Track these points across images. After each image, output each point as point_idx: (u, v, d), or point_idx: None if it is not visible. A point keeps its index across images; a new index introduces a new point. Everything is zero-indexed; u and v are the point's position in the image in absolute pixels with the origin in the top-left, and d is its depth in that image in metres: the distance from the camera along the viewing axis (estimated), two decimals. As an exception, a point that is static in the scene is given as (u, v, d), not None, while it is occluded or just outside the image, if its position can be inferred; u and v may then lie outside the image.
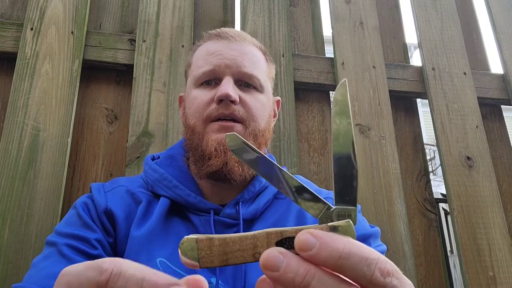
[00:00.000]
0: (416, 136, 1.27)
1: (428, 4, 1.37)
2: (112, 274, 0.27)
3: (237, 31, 0.73)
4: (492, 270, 1.06)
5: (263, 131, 0.68)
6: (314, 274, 0.27)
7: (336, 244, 0.27)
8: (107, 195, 0.66)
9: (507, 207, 1.22)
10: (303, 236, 0.27)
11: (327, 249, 0.27)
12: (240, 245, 0.29)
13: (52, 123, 0.96)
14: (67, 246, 0.57)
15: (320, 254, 0.27)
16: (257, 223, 0.65)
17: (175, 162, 0.70)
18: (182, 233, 0.62)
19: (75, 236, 0.59)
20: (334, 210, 0.32)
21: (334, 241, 0.27)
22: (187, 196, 0.64)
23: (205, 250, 0.29)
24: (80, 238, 0.59)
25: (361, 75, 1.22)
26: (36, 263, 0.57)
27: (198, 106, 0.66)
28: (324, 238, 0.27)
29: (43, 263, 0.56)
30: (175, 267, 0.58)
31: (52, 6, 1.06)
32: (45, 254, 0.58)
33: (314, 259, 0.27)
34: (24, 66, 0.99)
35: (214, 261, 0.29)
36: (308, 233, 0.27)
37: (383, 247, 0.65)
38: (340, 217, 0.31)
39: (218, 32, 0.71)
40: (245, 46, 0.70)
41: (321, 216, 0.32)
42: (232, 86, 0.65)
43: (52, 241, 0.59)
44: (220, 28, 0.74)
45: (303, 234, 0.28)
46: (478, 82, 1.30)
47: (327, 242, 0.27)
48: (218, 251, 0.29)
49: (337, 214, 0.32)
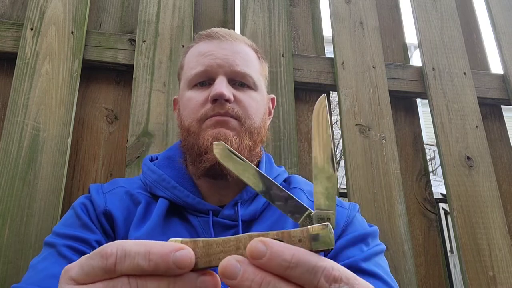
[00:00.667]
0: (416, 136, 1.27)
1: (428, 4, 1.37)
2: (118, 256, 0.27)
3: (227, 30, 0.73)
4: (492, 270, 1.06)
5: (258, 128, 0.68)
6: (269, 282, 0.27)
7: (284, 253, 0.28)
8: (106, 196, 0.66)
9: (507, 207, 1.22)
10: (254, 244, 0.28)
11: (276, 259, 0.28)
12: (223, 247, 0.30)
13: (52, 123, 0.96)
14: (66, 247, 0.57)
15: (270, 262, 0.28)
16: (256, 224, 0.65)
17: (173, 163, 0.70)
18: (181, 234, 0.62)
19: (75, 237, 0.59)
20: (314, 214, 0.33)
21: (284, 251, 0.28)
22: (186, 197, 0.64)
23: None
24: (80, 239, 0.59)
25: (361, 75, 1.22)
26: (35, 264, 0.57)
27: (193, 107, 0.66)
28: (274, 247, 0.28)
29: (42, 264, 0.56)
30: None
31: (52, 6, 1.06)
32: (44, 255, 0.58)
33: (265, 267, 0.28)
34: (24, 66, 0.99)
35: (198, 263, 0.29)
36: (260, 242, 0.28)
37: (382, 246, 0.65)
38: (320, 221, 0.33)
39: (208, 33, 0.71)
40: (237, 45, 0.70)
41: (301, 220, 0.34)
42: (225, 85, 0.65)
43: (51, 242, 0.59)
44: (216, 28, 0.74)
45: (255, 242, 0.28)
46: (478, 82, 1.30)
47: (276, 251, 0.28)
48: (201, 253, 0.29)
49: (317, 218, 0.33)
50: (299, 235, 0.30)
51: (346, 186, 1.09)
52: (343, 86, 1.19)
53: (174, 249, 0.27)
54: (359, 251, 0.61)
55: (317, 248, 0.30)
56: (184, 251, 0.28)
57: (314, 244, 0.30)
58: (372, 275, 0.57)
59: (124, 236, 0.61)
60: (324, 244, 0.30)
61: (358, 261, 0.58)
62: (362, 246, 0.62)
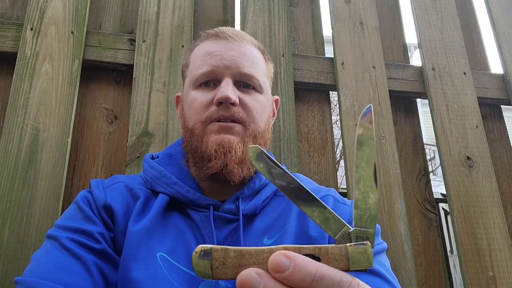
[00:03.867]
0: (416, 136, 1.27)
1: (428, 4, 1.37)
2: None
3: (235, 30, 0.72)
4: (492, 270, 1.06)
5: (262, 132, 0.68)
6: None
7: (309, 267, 0.27)
8: (106, 191, 0.66)
9: (507, 207, 1.22)
10: (277, 258, 0.27)
11: (300, 272, 0.27)
12: (257, 258, 0.29)
13: (52, 123, 0.96)
14: (69, 240, 0.57)
15: (293, 276, 0.27)
16: (257, 218, 0.65)
17: (174, 161, 0.70)
18: (181, 228, 0.62)
19: (77, 229, 0.59)
20: (353, 232, 0.32)
21: (307, 264, 0.27)
22: (187, 193, 0.64)
23: (220, 261, 0.28)
24: (82, 231, 0.58)
25: (361, 75, 1.22)
26: (38, 257, 0.56)
27: (197, 108, 0.66)
28: (297, 260, 0.27)
29: (46, 257, 0.55)
30: (175, 262, 0.58)
31: (52, 6, 1.06)
32: (47, 248, 0.57)
33: (287, 282, 0.27)
34: (24, 66, 0.99)
35: (228, 273, 0.28)
36: (282, 255, 0.28)
37: (384, 245, 0.65)
38: (358, 239, 0.32)
39: (216, 32, 0.71)
40: (244, 46, 0.69)
41: (338, 236, 0.32)
42: (231, 88, 0.64)
43: (53, 235, 0.58)
44: (224, 27, 0.73)
45: (277, 255, 0.28)
46: (478, 82, 1.30)
47: (300, 264, 0.27)
48: (233, 263, 0.28)
49: (356, 236, 0.32)
50: (337, 252, 0.29)
51: (346, 186, 1.09)
52: (343, 86, 1.19)
53: None
54: None
55: (355, 267, 0.29)
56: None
57: (352, 263, 0.29)
58: (375, 273, 0.57)
59: (123, 230, 0.61)
60: (362, 264, 0.29)
61: None
62: None
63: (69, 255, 0.55)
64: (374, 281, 0.56)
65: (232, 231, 0.62)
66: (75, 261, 0.55)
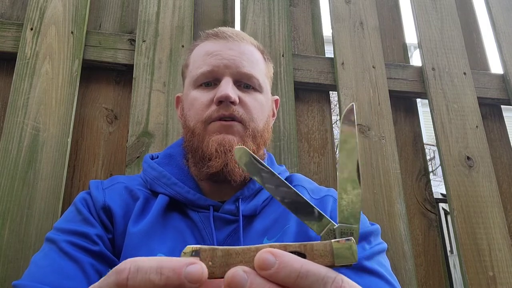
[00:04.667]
0: (416, 136, 1.27)
1: (428, 4, 1.37)
2: (131, 271, 0.27)
3: (235, 30, 0.73)
4: (492, 270, 1.06)
5: (261, 131, 0.68)
6: None
7: (294, 264, 0.28)
8: (105, 192, 0.66)
9: (507, 207, 1.22)
10: (263, 255, 0.28)
11: (286, 269, 0.28)
12: (244, 257, 0.29)
13: (52, 123, 0.96)
14: (67, 243, 0.57)
15: (279, 273, 0.27)
16: (257, 219, 0.65)
17: (174, 161, 0.70)
18: (181, 228, 0.62)
19: (75, 232, 0.59)
20: (337, 228, 0.33)
21: (292, 261, 0.28)
22: (186, 193, 0.64)
23: (207, 261, 0.29)
24: (80, 233, 0.59)
25: (361, 75, 1.22)
26: (37, 260, 0.57)
27: (197, 108, 0.66)
28: (282, 257, 0.28)
29: (44, 261, 0.56)
30: None
31: (52, 6, 1.06)
32: (45, 252, 0.58)
33: (273, 278, 0.28)
34: (24, 66, 0.99)
35: (215, 272, 0.29)
36: (268, 252, 0.28)
37: (384, 245, 0.65)
38: (343, 235, 0.33)
39: (216, 32, 0.71)
40: (244, 46, 0.70)
41: (323, 233, 0.33)
42: (231, 86, 0.65)
43: (52, 238, 0.59)
44: (223, 27, 0.74)
45: (263, 253, 0.28)
46: (478, 82, 1.30)
47: (285, 261, 0.28)
48: (220, 262, 0.29)
49: (340, 232, 0.33)
50: (322, 248, 0.30)
51: (346, 186, 1.09)
52: (343, 86, 1.19)
53: (186, 263, 0.27)
54: (361, 249, 0.61)
55: (340, 263, 0.29)
56: (196, 266, 0.27)
57: (337, 259, 0.30)
58: (375, 273, 0.57)
59: (123, 231, 0.61)
60: (347, 259, 0.30)
61: (361, 259, 0.58)
62: (364, 245, 0.62)
63: (66, 258, 0.55)
64: (374, 281, 0.56)
65: (232, 231, 0.62)
66: (72, 264, 0.55)
